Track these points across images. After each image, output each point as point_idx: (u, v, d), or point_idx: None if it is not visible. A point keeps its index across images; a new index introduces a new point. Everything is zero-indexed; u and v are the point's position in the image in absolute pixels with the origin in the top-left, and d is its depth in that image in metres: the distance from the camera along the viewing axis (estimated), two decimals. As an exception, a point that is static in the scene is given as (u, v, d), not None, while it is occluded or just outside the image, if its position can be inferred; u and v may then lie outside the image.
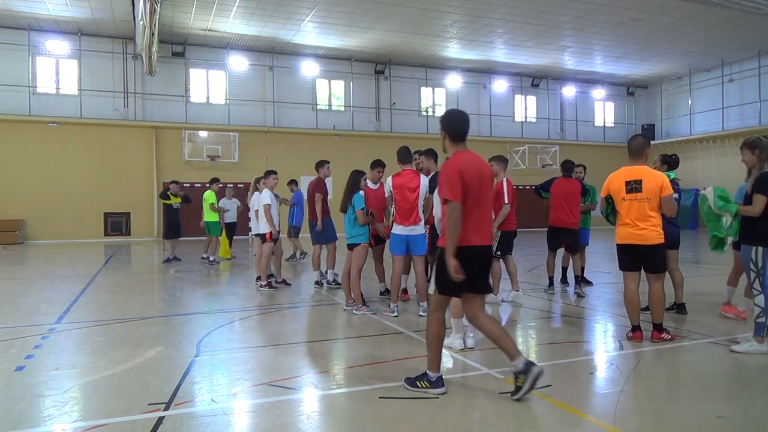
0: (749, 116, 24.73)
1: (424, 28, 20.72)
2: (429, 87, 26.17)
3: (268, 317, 6.80)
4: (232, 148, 22.52)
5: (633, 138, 5.32)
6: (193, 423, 3.44)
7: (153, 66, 18.95)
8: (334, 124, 24.46)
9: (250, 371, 4.46)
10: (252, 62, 23.15)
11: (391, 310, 6.46)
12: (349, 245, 6.82)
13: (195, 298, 8.44)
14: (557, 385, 4.09)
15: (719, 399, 3.83)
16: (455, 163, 3.89)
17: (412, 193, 6.38)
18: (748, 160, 5.02)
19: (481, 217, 3.88)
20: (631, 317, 5.27)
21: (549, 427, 3.37)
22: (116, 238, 21.16)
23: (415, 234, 6.43)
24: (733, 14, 18.96)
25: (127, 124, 21.50)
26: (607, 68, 26.52)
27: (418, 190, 6.38)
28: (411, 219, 6.40)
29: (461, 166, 3.85)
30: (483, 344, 5.52)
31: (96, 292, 8.65)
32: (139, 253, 16.50)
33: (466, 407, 3.68)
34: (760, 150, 4.87)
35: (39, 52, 20.61)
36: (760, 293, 4.73)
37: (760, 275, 4.71)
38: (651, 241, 5.02)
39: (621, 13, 18.99)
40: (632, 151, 5.21)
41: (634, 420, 3.42)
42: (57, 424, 3.40)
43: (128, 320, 6.45)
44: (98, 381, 4.24)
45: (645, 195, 4.97)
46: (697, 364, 4.77)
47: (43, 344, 5.32)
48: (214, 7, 18.46)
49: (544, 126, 28.44)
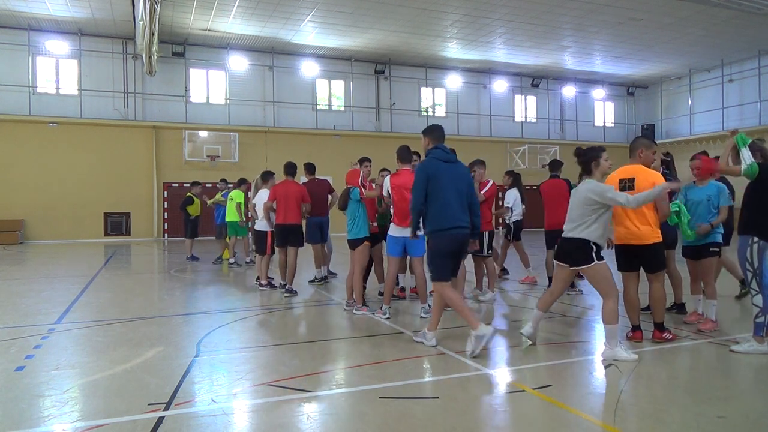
0: (749, 116, 24.72)
1: (424, 28, 20.72)
2: (429, 87, 26.16)
3: (268, 317, 6.80)
4: (232, 148, 22.51)
5: (635, 139, 5.49)
6: (193, 423, 3.44)
7: (153, 66, 18.96)
8: (334, 124, 24.45)
9: (250, 371, 4.46)
10: (252, 62, 23.15)
11: (383, 311, 6.38)
12: (350, 241, 6.80)
13: (195, 298, 8.44)
14: (557, 385, 4.09)
15: (719, 399, 3.83)
16: None
17: (411, 194, 6.33)
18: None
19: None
20: (630, 317, 5.27)
21: (549, 427, 3.37)
22: (116, 238, 21.16)
23: None
24: (733, 14, 18.95)
25: (127, 124, 21.50)
26: (607, 68, 26.51)
27: None
28: (409, 220, 6.35)
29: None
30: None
31: (96, 292, 8.65)
32: (139, 253, 16.50)
33: (466, 407, 3.68)
34: (761, 153, 4.90)
35: (39, 52, 20.61)
36: (757, 293, 4.72)
37: (757, 275, 4.69)
38: (647, 240, 5.02)
39: (621, 13, 18.98)
40: (629, 151, 5.37)
41: (634, 420, 3.42)
42: (57, 424, 3.40)
43: (128, 320, 6.45)
44: (98, 381, 4.24)
45: (637, 192, 4.95)
46: (697, 364, 4.77)
47: (43, 344, 5.32)
48: (214, 7, 18.46)
49: (544, 126, 28.43)
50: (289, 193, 8.03)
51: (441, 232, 4.96)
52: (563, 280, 5.02)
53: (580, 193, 4.80)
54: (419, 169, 5.07)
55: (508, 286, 9.08)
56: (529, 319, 5.53)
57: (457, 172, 5.09)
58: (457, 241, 4.98)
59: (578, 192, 4.86)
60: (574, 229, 4.76)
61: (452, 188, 4.97)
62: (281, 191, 8.09)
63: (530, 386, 4.04)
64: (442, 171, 4.98)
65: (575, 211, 4.81)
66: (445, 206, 4.94)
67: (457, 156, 5.36)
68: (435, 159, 5.09)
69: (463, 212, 5.04)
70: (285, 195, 8.03)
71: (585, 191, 4.75)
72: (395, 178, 6.50)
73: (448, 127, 27.76)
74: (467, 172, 5.33)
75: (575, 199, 4.85)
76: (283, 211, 8.02)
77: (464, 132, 26.35)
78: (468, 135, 26.20)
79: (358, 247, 6.75)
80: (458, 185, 5.02)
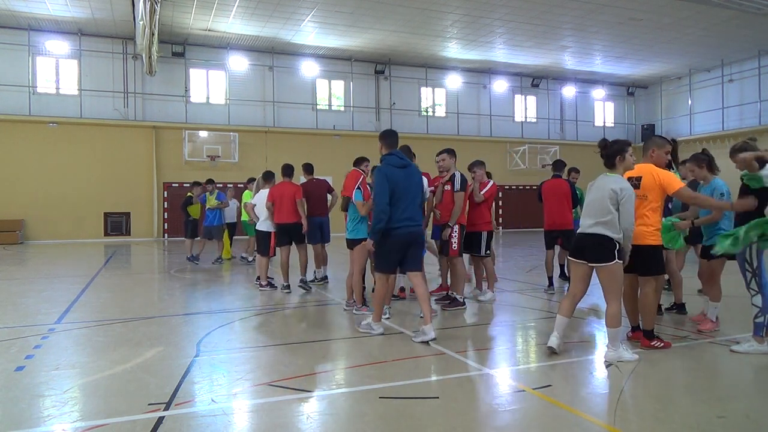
0: (749, 116, 24.73)
1: (424, 28, 20.72)
2: (429, 87, 26.16)
3: (268, 317, 6.80)
4: (232, 148, 22.52)
5: (648, 137, 5.43)
6: (193, 423, 3.44)
7: (153, 66, 18.96)
8: (334, 124, 24.45)
9: (250, 371, 4.46)
10: (252, 62, 23.15)
11: (383, 312, 6.38)
12: (349, 241, 6.80)
13: (195, 298, 8.44)
14: (557, 385, 4.09)
15: (719, 399, 3.83)
16: None
17: None
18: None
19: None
20: (630, 318, 5.24)
21: (549, 427, 3.37)
22: (116, 238, 21.16)
23: None
24: (733, 14, 18.95)
25: (127, 124, 21.50)
26: (607, 68, 26.51)
27: None
28: None
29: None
30: (483, 344, 5.52)
31: (96, 292, 8.65)
32: (139, 253, 16.50)
33: (466, 407, 3.68)
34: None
35: (39, 52, 20.60)
36: (757, 293, 4.72)
37: (756, 275, 4.70)
38: (643, 242, 4.90)
39: (621, 13, 18.98)
40: (642, 150, 5.26)
41: (634, 420, 3.42)
42: (57, 424, 3.40)
43: (128, 320, 6.45)
44: (98, 381, 4.24)
45: (642, 192, 4.88)
46: (697, 364, 4.77)
47: (43, 344, 5.32)
48: (214, 7, 18.46)
49: (544, 126, 28.43)
50: (284, 193, 8.36)
51: (393, 229, 5.40)
52: (582, 279, 4.76)
53: (603, 189, 4.57)
54: (379, 176, 5.48)
55: (507, 286, 9.07)
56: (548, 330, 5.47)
57: (410, 176, 5.57)
58: (408, 236, 5.45)
59: (600, 187, 4.63)
60: (594, 225, 4.57)
61: (405, 190, 5.46)
62: (277, 192, 8.44)
63: (530, 386, 4.04)
64: (397, 176, 5.48)
65: (595, 207, 4.60)
66: (398, 207, 5.41)
67: (414, 158, 6.16)
68: (390, 165, 5.53)
69: (415, 211, 5.58)
70: (281, 195, 8.37)
71: (609, 186, 4.53)
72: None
73: (448, 127, 27.76)
74: (419, 174, 5.79)
75: (597, 195, 4.62)
76: (279, 211, 8.35)
77: (464, 132, 26.36)
78: (468, 135, 26.20)
79: (357, 246, 6.74)
80: (410, 188, 5.52)
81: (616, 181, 4.56)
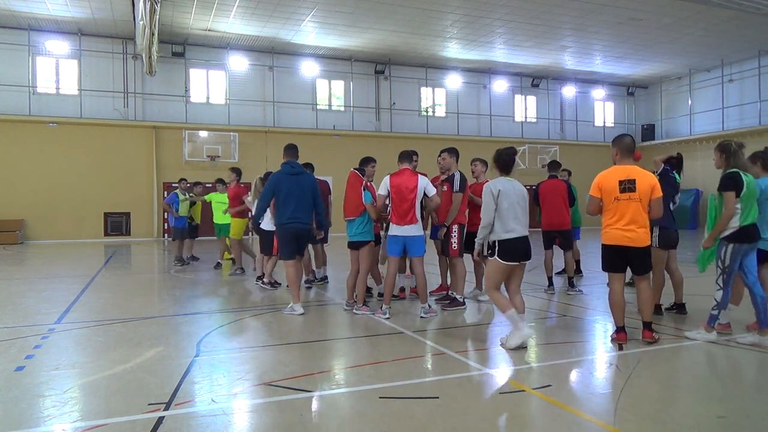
0: (749, 116, 24.72)
1: (424, 28, 20.72)
2: (429, 87, 26.16)
3: (268, 317, 6.80)
4: (232, 148, 22.51)
5: (622, 137, 5.22)
6: (193, 423, 3.44)
7: (153, 66, 18.95)
8: (334, 124, 24.45)
9: (250, 371, 4.46)
10: (252, 62, 23.15)
11: (383, 312, 6.37)
12: (351, 243, 6.80)
13: (195, 298, 8.43)
14: (557, 385, 4.09)
15: (719, 399, 3.83)
16: None
17: (410, 194, 6.32)
18: (716, 162, 5.28)
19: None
20: (615, 318, 5.16)
21: (549, 427, 3.37)
22: (116, 238, 21.15)
23: (413, 235, 6.37)
24: (733, 14, 18.95)
25: (127, 124, 21.50)
26: (607, 68, 26.51)
27: (416, 190, 6.32)
28: (407, 219, 6.33)
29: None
30: (482, 344, 5.52)
31: (96, 292, 8.65)
32: (139, 253, 16.50)
33: (466, 407, 3.68)
34: (726, 154, 5.14)
35: (39, 52, 20.60)
36: (720, 289, 5.08)
37: (725, 273, 5.04)
38: (641, 244, 4.94)
39: (621, 13, 18.98)
40: (625, 150, 5.11)
41: (634, 420, 3.42)
42: (57, 424, 3.40)
43: (128, 320, 6.45)
44: (98, 381, 4.24)
45: (638, 195, 4.89)
46: (697, 364, 4.77)
47: (43, 344, 5.32)
48: (214, 7, 18.46)
49: (544, 126, 28.43)
50: None
51: (282, 225, 6.79)
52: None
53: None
54: (268, 181, 6.92)
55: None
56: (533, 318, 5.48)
57: (299, 182, 6.79)
58: (294, 231, 6.76)
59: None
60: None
61: (292, 194, 6.70)
62: None
63: (530, 386, 4.04)
64: (284, 181, 6.74)
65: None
66: (285, 207, 6.70)
67: (313, 167, 8.24)
68: (281, 173, 6.81)
69: (302, 212, 6.76)
70: None
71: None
72: (395, 178, 6.49)
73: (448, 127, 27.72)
74: (311, 181, 6.95)
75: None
76: None
77: (464, 132, 26.35)
78: (468, 135, 26.19)
79: (361, 248, 6.75)
80: (299, 192, 6.73)
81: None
